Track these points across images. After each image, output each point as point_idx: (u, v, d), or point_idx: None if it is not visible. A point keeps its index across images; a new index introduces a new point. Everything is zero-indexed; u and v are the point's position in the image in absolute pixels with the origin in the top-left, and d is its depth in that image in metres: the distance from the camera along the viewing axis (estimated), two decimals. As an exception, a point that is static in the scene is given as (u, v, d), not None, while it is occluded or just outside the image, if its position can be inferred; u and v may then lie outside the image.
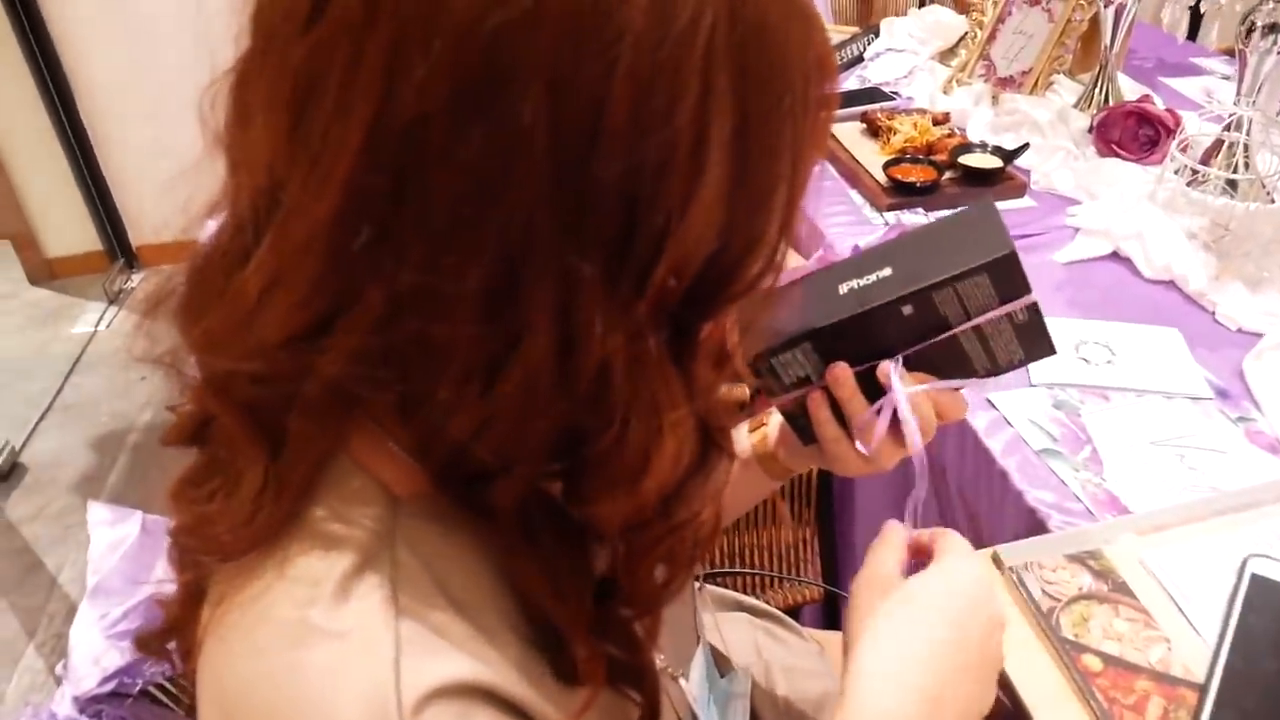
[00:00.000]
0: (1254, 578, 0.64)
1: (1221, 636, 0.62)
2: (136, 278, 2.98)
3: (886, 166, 1.21)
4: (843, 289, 0.55)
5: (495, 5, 0.30)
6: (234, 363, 0.36)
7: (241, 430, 0.39)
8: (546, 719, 0.39)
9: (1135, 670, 0.60)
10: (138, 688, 0.63)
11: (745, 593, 0.99)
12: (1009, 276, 0.53)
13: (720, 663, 0.72)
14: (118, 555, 0.67)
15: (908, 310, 0.54)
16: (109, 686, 0.61)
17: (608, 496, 0.38)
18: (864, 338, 0.54)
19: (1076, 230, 1.09)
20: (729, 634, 0.81)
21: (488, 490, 0.39)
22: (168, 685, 0.65)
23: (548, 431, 0.36)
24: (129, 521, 0.70)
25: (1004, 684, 0.61)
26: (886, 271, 0.55)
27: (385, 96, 0.31)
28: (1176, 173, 1.08)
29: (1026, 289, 0.53)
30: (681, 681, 0.60)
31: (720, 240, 0.34)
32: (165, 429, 0.47)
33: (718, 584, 0.97)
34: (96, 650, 0.62)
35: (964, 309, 0.54)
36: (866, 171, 1.23)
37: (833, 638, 0.89)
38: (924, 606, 0.48)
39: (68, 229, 2.94)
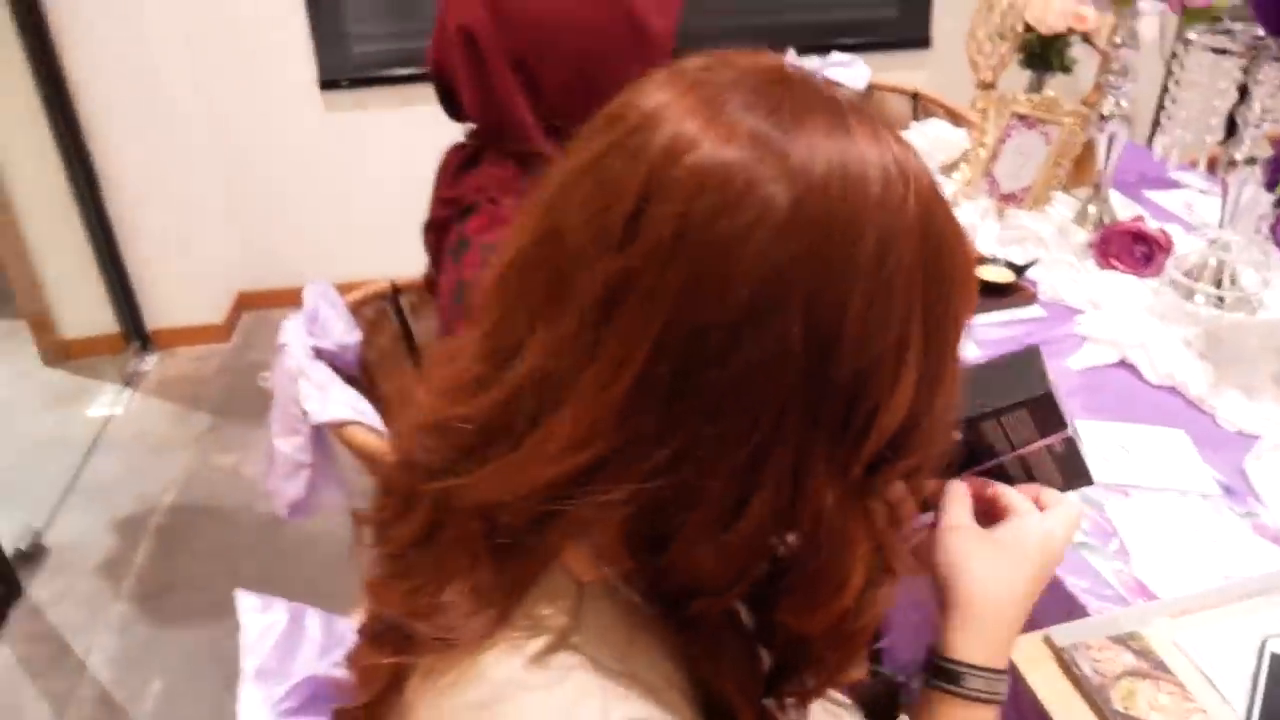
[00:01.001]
0: (1273, 656, 0.74)
1: (1249, 710, 0.71)
2: (151, 360, 3.04)
3: (908, 276, 1.33)
4: None
5: (777, 248, 0.40)
6: (508, 497, 0.45)
7: (482, 543, 0.48)
8: None
9: (1180, 738, 0.69)
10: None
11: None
12: (1048, 413, 0.62)
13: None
14: (270, 641, 0.75)
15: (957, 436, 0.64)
16: (279, 760, 0.69)
17: (805, 613, 0.48)
18: None
19: (1084, 338, 1.21)
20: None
21: (689, 605, 0.48)
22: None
23: (763, 562, 0.46)
24: (275, 609, 0.78)
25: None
26: None
27: (677, 311, 0.41)
28: (1171, 285, 1.21)
29: (1063, 425, 0.63)
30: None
31: (910, 414, 0.45)
32: (387, 536, 0.56)
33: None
34: (265, 725, 0.70)
35: (1009, 440, 0.64)
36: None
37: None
38: (1018, 554, 0.59)
39: (84, 311, 3.01)
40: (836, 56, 2.48)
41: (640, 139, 0.43)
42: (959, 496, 0.63)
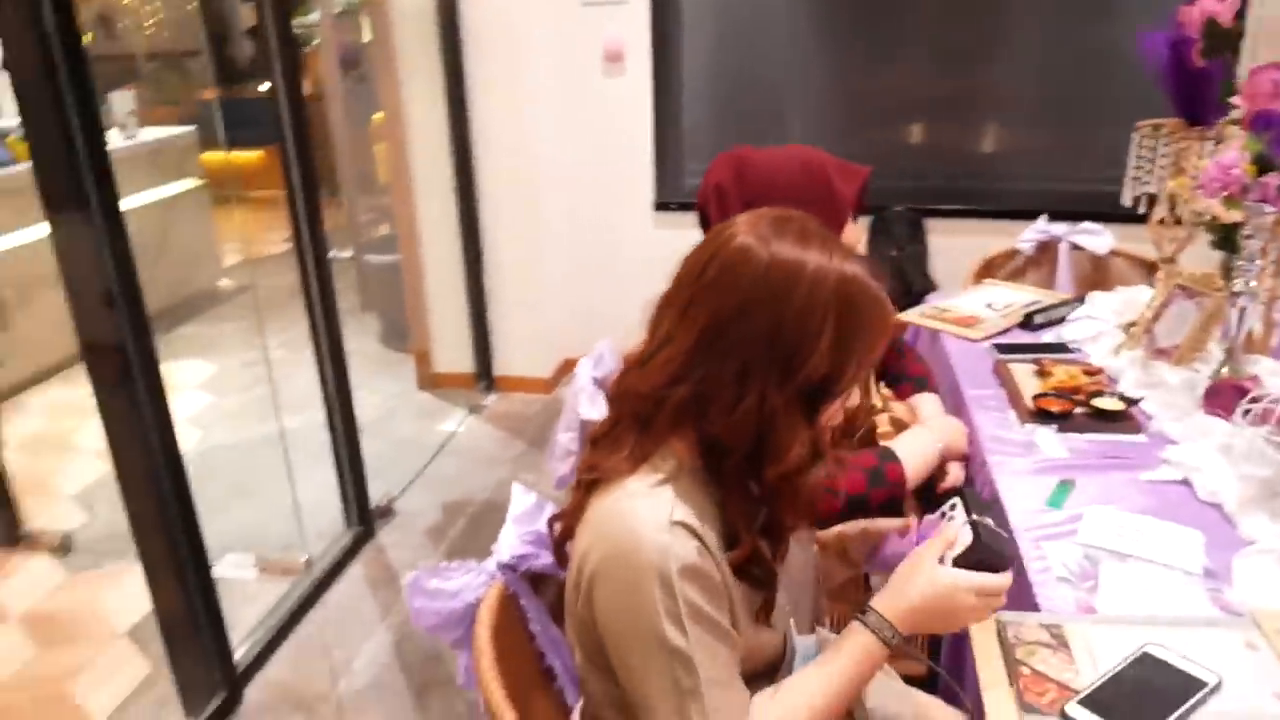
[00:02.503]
0: (1144, 653, 1.05)
1: (1104, 675, 1.03)
2: (492, 397, 3.90)
3: (1036, 397, 1.69)
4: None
5: (758, 284, 0.90)
6: (642, 388, 0.98)
7: (634, 423, 1.01)
8: (720, 567, 0.95)
9: (1047, 679, 1.03)
10: (524, 567, 1.25)
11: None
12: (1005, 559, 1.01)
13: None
14: (526, 505, 1.31)
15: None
16: (513, 561, 1.24)
17: (769, 467, 0.95)
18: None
19: (1164, 460, 1.50)
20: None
21: (725, 464, 0.97)
22: (534, 575, 1.27)
23: (751, 439, 0.94)
24: (532, 494, 1.34)
25: (975, 684, 1.06)
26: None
27: (715, 307, 0.92)
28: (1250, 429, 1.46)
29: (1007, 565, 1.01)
30: (793, 631, 1.12)
31: (829, 372, 0.92)
32: (597, 430, 1.09)
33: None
34: (513, 544, 1.25)
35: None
36: (1022, 398, 1.71)
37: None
38: (935, 581, 0.99)
39: (452, 353, 3.95)
40: (1087, 225, 2.79)
41: (720, 235, 0.96)
42: (940, 538, 1.03)
